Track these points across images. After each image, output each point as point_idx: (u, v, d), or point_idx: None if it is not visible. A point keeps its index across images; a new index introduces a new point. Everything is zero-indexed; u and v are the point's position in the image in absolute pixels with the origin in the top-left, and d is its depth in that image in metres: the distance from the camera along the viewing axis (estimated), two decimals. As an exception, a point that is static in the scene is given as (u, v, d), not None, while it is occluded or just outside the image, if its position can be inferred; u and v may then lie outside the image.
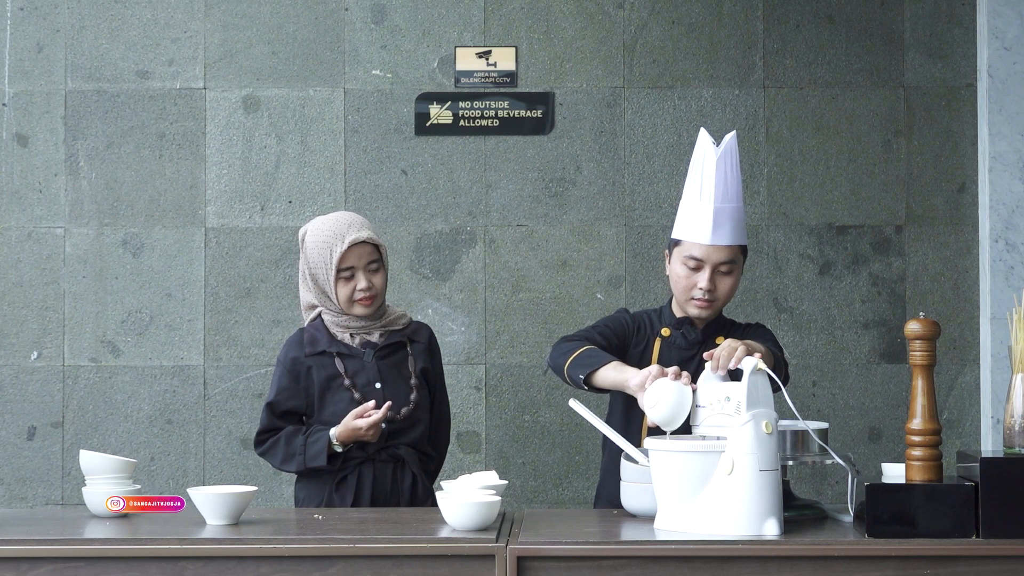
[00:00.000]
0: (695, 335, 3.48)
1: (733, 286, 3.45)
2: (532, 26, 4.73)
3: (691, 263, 3.42)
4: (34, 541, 2.82)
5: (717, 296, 3.43)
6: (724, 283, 3.43)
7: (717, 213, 3.39)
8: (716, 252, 3.40)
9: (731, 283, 3.44)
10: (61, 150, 4.73)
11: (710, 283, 3.41)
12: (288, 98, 4.73)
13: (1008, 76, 4.56)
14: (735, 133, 3.45)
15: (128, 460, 3.24)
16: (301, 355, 3.59)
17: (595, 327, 3.51)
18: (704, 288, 3.41)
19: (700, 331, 3.49)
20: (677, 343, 3.49)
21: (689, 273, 3.42)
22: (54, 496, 4.69)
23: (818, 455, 3.05)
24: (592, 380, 3.28)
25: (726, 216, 3.39)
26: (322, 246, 3.57)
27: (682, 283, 3.44)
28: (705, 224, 3.39)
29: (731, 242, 3.40)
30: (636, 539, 2.82)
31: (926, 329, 2.81)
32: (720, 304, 3.46)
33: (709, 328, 3.50)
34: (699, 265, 3.41)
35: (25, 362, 4.71)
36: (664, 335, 3.50)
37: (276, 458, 3.58)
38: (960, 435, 4.63)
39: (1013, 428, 2.86)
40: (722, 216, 3.39)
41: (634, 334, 3.52)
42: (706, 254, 3.40)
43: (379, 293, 3.60)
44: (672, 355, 3.47)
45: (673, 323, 3.51)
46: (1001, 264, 4.55)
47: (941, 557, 2.72)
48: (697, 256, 3.40)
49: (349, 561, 2.75)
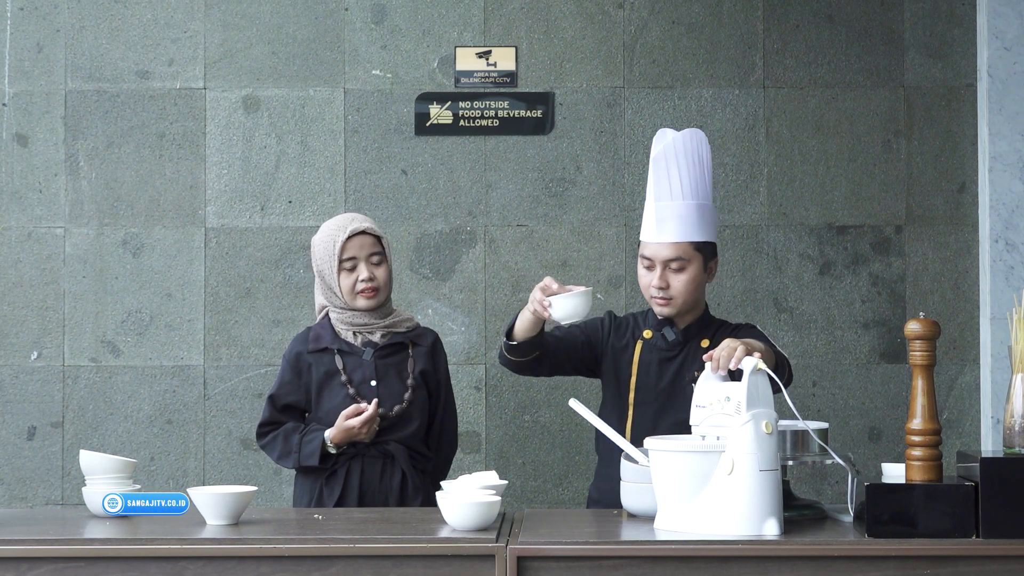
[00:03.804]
0: (676, 336, 3.48)
1: (689, 283, 3.44)
2: (532, 26, 4.73)
3: (645, 262, 3.47)
4: (34, 541, 2.82)
5: (673, 294, 3.44)
6: (677, 280, 3.44)
7: (659, 211, 3.42)
8: (663, 249, 3.43)
9: (685, 280, 3.44)
10: (61, 150, 4.73)
11: (661, 281, 3.43)
12: (288, 98, 4.73)
13: (1008, 76, 4.56)
14: (696, 130, 3.45)
15: (128, 460, 3.24)
16: (304, 351, 3.71)
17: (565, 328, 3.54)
18: (656, 286, 3.43)
19: (682, 332, 3.49)
20: (658, 344, 3.50)
21: (645, 272, 3.47)
22: (54, 496, 4.69)
23: (818, 455, 3.05)
24: (514, 336, 3.36)
25: (670, 213, 3.41)
26: (326, 240, 3.68)
27: (641, 282, 3.49)
28: (651, 222, 3.44)
29: (677, 239, 3.41)
30: (636, 539, 2.82)
31: (926, 329, 2.81)
32: (680, 301, 3.46)
33: (692, 328, 3.50)
34: (651, 264, 3.45)
35: (25, 362, 4.71)
36: (645, 337, 3.52)
37: (274, 453, 3.69)
38: (960, 435, 4.63)
39: (1013, 428, 2.86)
40: (665, 213, 3.41)
41: (611, 334, 3.54)
42: (653, 252, 3.44)
43: (382, 286, 3.67)
44: (653, 356, 3.49)
45: (654, 324, 3.52)
46: (1001, 264, 4.55)
47: (941, 557, 2.72)
48: (647, 255, 3.46)
49: (349, 561, 2.75)
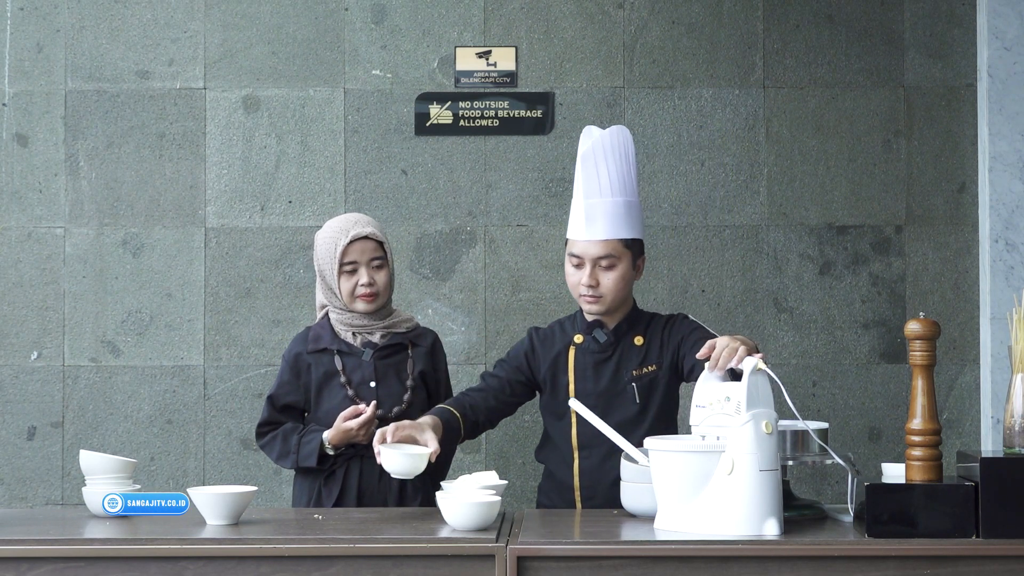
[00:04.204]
0: (607, 337, 3.48)
1: (618, 280, 3.44)
2: (532, 26, 4.73)
3: (574, 260, 3.46)
4: (34, 541, 2.82)
5: (603, 292, 3.43)
6: (607, 278, 3.43)
7: (588, 208, 3.42)
8: (592, 247, 3.42)
9: (614, 277, 3.43)
10: (61, 150, 4.73)
11: (591, 279, 3.42)
12: (288, 98, 4.73)
13: (1008, 76, 4.56)
14: (621, 127, 3.46)
15: (128, 460, 3.24)
16: (304, 351, 3.70)
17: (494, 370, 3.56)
18: (586, 284, 3.42)
19: (612, 331, 3.48)
20: (590, 348, 3.48)
21: (573, 271, 3.46)
22: (54, 496, 4.69)
23: (818, 455, 3.05)
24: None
25: (599, 211, 3.41)
26: (328, 242, 3.68)
27: (570, 280, 3.49)
28: (579, 220, 3.44)
29: (605, 236, 3.41)
30: (636, 539, 2.82)
31: (926, 329, 2.81)
32: (610, 299, 3.45)
33: (622, 326, 3.49)
34: (580, 262, 3.44)
35: (25, 362, 4.71)
36: (577, 342, 3.50)
37: (273, 453, 3.69)
38: (960, 435, 4.63)
39: (1013, 428, 2.86)
40: (594, 211, 3.41)
41: (538, 351, 3.53)
42: (582, 250, 3.43)
43: (382, 291, 3.66)
44: (587, 360, 3.48)
45: (584, 328, 3.51)
46: (1001, 264, 4.55)
47: (941, 557, 2.72)
48: (576, 253, 3.45)
49: (349, 561, 2.75)
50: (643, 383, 3.45)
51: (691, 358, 3.40)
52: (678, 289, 4.68)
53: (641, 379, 3.45)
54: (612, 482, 3.28)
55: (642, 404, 3.44)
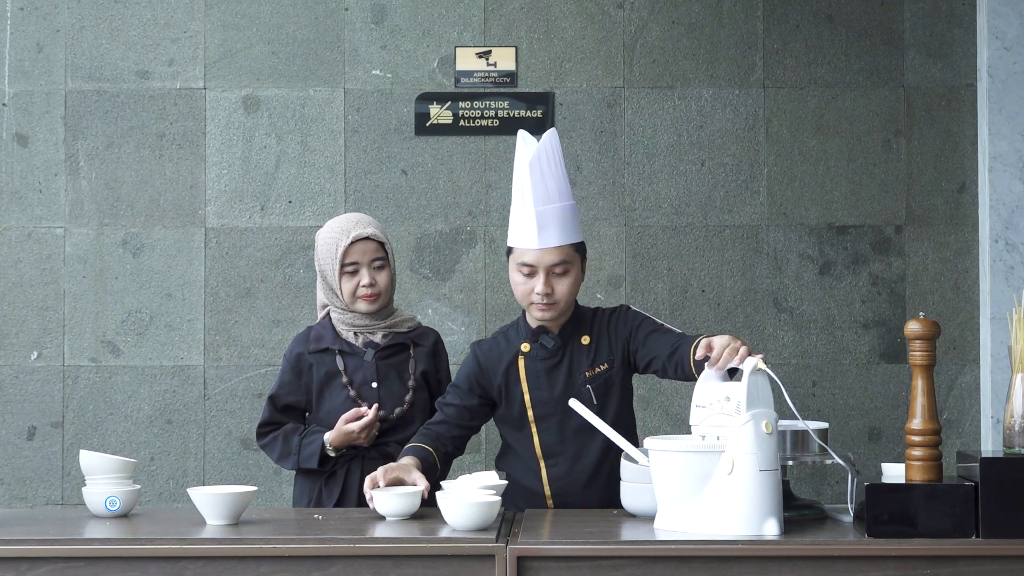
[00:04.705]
0: (554, 342, 3.44)
1: (572, 285, 3.39)
2: (532, 26, 4.73)
3: (524, 269, 3.37)
4: (34, 541, 2.82)
5: (557, 298, 3.39)
6: (561, 284, 3.38)
7: (540, 216, 3.36)
8: (546, 255, 3.36)
9: (569, 283, 3.39)
10: (61, 150, 4.73)
11: (546, 287, 3.36)
12: (288, 98, 4.73)
13: (1008, 76, 4.56)
14: (553, 131, 3.42)
15: (128, 460, 3.24)
16: (305, 351, 3.68)
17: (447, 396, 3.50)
18: (541, 292, 3.36)
19: (558, 335, 3.45)
20: (539, 355, 3.44)
21: (525, 279, 3.38)
22: (54, 496, 4.69)
23: (818, 455, 3.05)
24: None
25: (550, 217, 3.36)
26: (329, 242, 3.65)
27: (519, 290, 3.40)
28: (530, 229, 3.36)
29: (559, 243, 3.36)
30: (636, 539, 2.82)
31: (926, 329, 2.81)
32: (563, 304, 3.40)
33: (567, 329, 3.44)
34: (532, 271, 3.37)
35: (25, 362, 4.71)
36: (524, 351, 3.46)
37: (274, 453, 3.66)
38: (960, 435, 4.63)
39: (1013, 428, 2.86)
40: (546, 218, 3.36)
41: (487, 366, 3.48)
42: (536, 258, 3.36)
43: (383, 291, 3.65)
44: (538, 367, 3.43)
45: (530, 336, 3.46)
46: (1001, 264, 4.55)
47: (941, 557, 2.72)
48: (528, 262, 3.36)
49: (349, 561, 2.75)
50: (598, 383, 3.42)
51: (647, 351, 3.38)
52: (678, 289, 4.68)
53: (595, 379, 3.42)
54: (584, 485, 3.31)
55: (600, 404, 3.41)
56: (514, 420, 3.47)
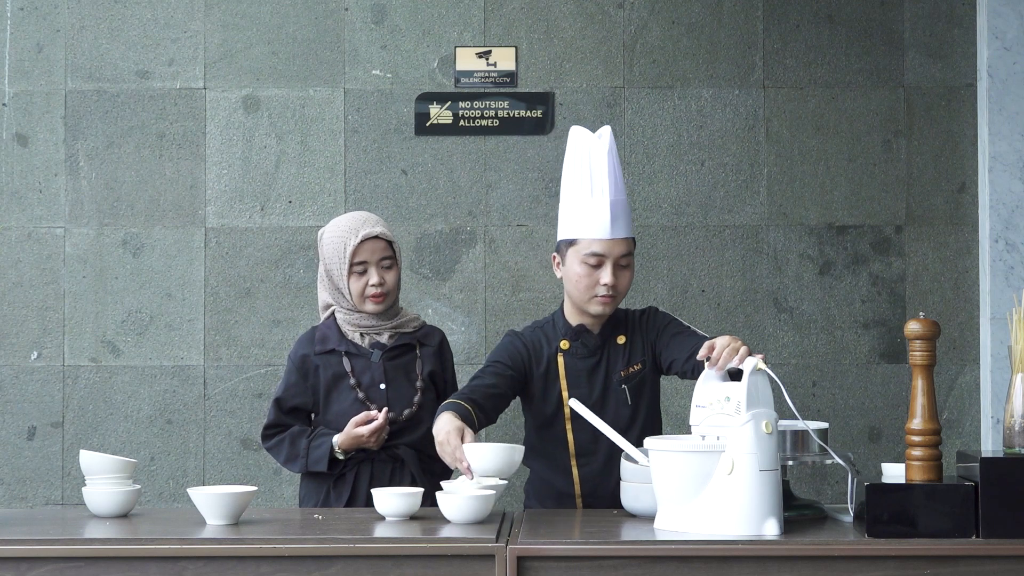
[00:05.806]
0: (594, 341, 3.45)
1: (631, 279, 3.44)
2: (532, 26, 4.73)
3: (592, 260, 3.38)
4: (34, 541, 2.82)
5: (619, 291, 3.40)
6: (624, 276, 3.41)
7: (614, 206, 3.39)
8: (617, 246, 3.39)
9: (630, 276, 3.43)
10: (61, 150, 4.73)
11: (613, 278, 3.38)
12: (288, 98, 4.73)
13: (1008, 76, 4.56)
14: (610, 127, 3.46)
15: (128, 460, 3.24)
16: (311, 353, 3.64)
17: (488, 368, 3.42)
18: (608, 284, 3.37)
19: (598, 335, 3.45)
20: (579, 353, 3.44)
21: (590, 271, 3.38)
22: (54, 496, 4.69)
23: (818, 455, 3.05)
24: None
25: (620, 208, 3.40)
26: (337, 241, 3.62)
27: (584, 282, 3.39)
28: (603, 219, 3.37)
29: (627, 234, 3.41)
30: (636, 539, 2.82)
31: (926, 329, 2.81)
32: (621, 298, 3.43)
33: (605, 329, 3.46)
34: (600, 261, 3.38)
35: (25, 362, 4.71)
36: (564, 348, 3.45)
37: (281, 456, 3.63)
38: (960, 435, 4.63)
39: (1013, 428, 2.86)
40: (618, 209, 3.39)
41: (530, 356, 3.45)
42: (607, 249, 3.38)
43: (391, 291, 3.63)
44: (577, 366, 3.43)
45: (570, 334, 3.45)
46: (1001, 264, 4.55)
47: (941, 557, 2.72)
48: (599, 252, 3.37)
49: (349, 561, 2.75)
50: (633, 383, 3.43)
51: (669, 353, 3.39)
52: (678, 289, 4.68)
53: (631, 379, 3.43)
54: (615, 486, 3.28)
55: (634, 405, 3.42)
56: (547, 417, 3.45)
